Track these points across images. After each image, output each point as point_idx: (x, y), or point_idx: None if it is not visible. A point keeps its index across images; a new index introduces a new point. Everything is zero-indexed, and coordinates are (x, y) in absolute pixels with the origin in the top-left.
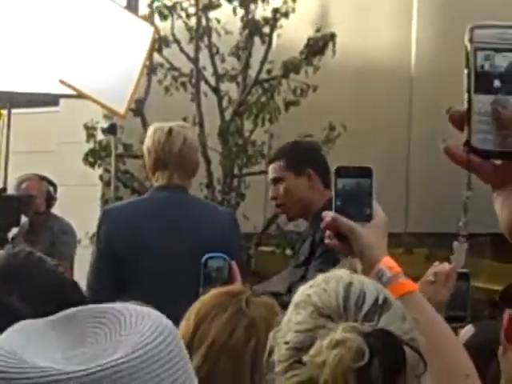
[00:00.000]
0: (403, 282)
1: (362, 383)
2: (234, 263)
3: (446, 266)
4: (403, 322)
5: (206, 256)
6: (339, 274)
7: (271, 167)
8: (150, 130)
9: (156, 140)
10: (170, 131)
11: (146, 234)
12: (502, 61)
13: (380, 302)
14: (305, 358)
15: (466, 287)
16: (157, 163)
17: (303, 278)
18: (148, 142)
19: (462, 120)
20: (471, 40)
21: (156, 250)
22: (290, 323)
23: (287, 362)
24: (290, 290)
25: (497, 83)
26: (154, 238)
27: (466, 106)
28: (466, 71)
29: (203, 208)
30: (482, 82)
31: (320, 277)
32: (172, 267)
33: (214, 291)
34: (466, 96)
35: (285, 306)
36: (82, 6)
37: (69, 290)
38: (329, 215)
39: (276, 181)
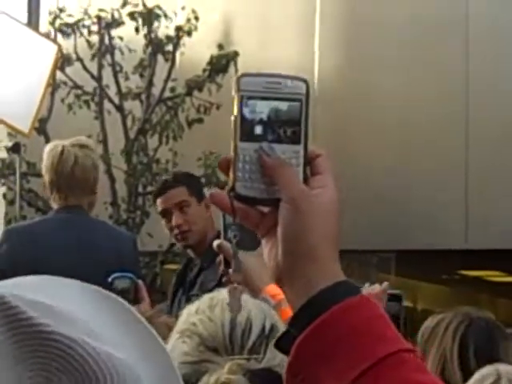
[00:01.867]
0: (287, 309)
1: None
2: (140, 283)
3: (376, 287)
4: None
5: (113, 276)
6: (223, 296)
7: (171, 194)
8: (46, 149)
9: (50, 161)
10: (62, 152)
11: (46, 254)
12: (264, 108)
13: (267, 330)
14: None
15: (398, 308)
16: (52, 184)
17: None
18: (44, 162)
19: (229, 167)
20: (238, 88)
21: (56, 269)
22: (175, 352)
23: None
24: None
25: (260, 131)
26: (54, 258)
27: (232, 153)
28: (232, 119)
29: (100, 228)
30: (246, 129)
31: (206, 300)
32: None
33: None
34: (232, 143)
35: None
36: None
37: None
38: (215, 242)
39: (180, 206)
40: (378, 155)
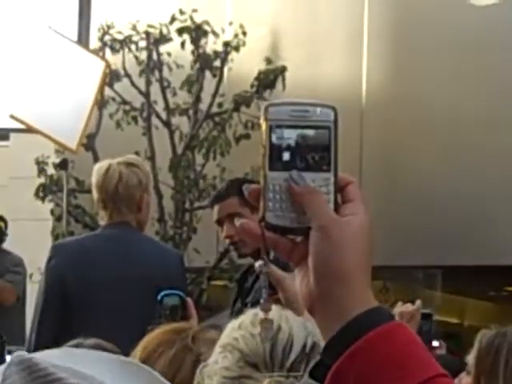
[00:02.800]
0: None
1: None
2: (189, 300)
3: (409, 306)
4: None
5: (162, 293)
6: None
7: (223, 204)
8: (94, 168)
9: (96, 179)
10: (107, 169)
11: (94, 269)
12: (293, 136)
13: (308, 349)
14: None
15: (429, 327)
16: (99, 202)
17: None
18: (92, 179)
19: (259, 196)
20: (266, 117)
21: (102, 284)
22: (217, 366)
23: None
24: None
25: (289, 159)
26: (101, 273)
27: (261, 182)
28: (262, 149)
29: (147, 245)
30: (275, 158)
31: (249, 316)
32: (118, 301)
33: (160, 328)
34: (261, 173)
35: None
36: (33, 40)
37: None
38: (257, 264)
39: (231, 217)
40: (426, 168)
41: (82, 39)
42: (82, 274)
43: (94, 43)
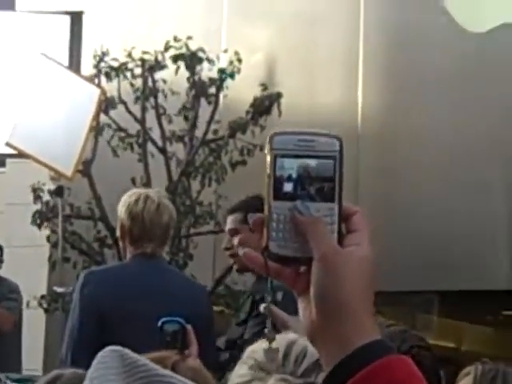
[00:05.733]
0: None
1: None
2: (189, 327)
3: None
4: None
5: (162, 320)
6: (290, 335)
7: (229, 218)
8: (124, 197)
9: (127, 209)
10: (146, 199)
11: (124, 298)
12: (297, 166)
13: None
14: None
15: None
16: (131, 231)
17: (242, 337)
18: (120, 209)
19: (263, 225)
20: (271, 147)
21: (132, 312)
22: (234, 376)
23: None
24: (228, 347)
25: (293, 189)
26: (131, 302)
27: (265, 212)
28: (266, 179)
29: (176, 277)
30: (279, 188)
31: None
32: (145, 332)
33: None
34: (265, 202)
35: (222, 362)
36: (26, 66)
37: None
38: (262, 306)
39: (232, 232)
40: (425, 193)
41: (74, 65)
42: (114, 302)
43: (89, 70)
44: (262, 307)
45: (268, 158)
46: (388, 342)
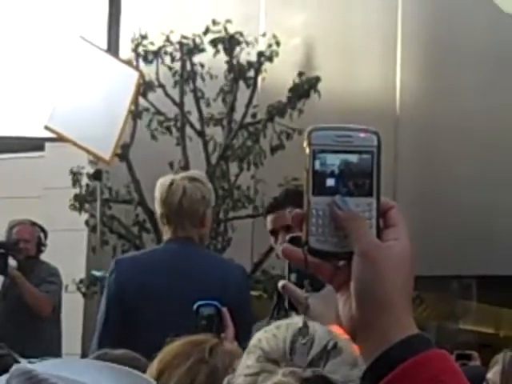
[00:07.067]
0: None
1: None
2: (225, 310)
3: None
4: (352, 369)
5: (198, 303)
6: (294, 321)
7: (278, 215)
8: (158, 182)
9: (160, 194)
10: (171, 184)
11: (154, 283)
12: (336, 162)
13: (329, 347)
14: None
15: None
16: (163, 217)
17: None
18: (155, 195)
19: (302, 221)
20: (309, 143)
21: (160, 295)
22: (241, 367)
23: None
24: None
25: (332, 184)
26: (162, 287)
27: (304, 207)
28: (305, 174)
29: (207, 259)
30: (318, 183)
31: (276, 322)
32: (175, 316)
33: (179, 341)
34: (305, 198)
35: None
36: (65, 50)
37: None
38: (280, 283)
39: (286, 229)
40: (464, 175)
41: (112, 49)
42: (141, 286)
43: (128, 54)
44: (279, 284)
45: (306, 154)
46: (427, 335)
